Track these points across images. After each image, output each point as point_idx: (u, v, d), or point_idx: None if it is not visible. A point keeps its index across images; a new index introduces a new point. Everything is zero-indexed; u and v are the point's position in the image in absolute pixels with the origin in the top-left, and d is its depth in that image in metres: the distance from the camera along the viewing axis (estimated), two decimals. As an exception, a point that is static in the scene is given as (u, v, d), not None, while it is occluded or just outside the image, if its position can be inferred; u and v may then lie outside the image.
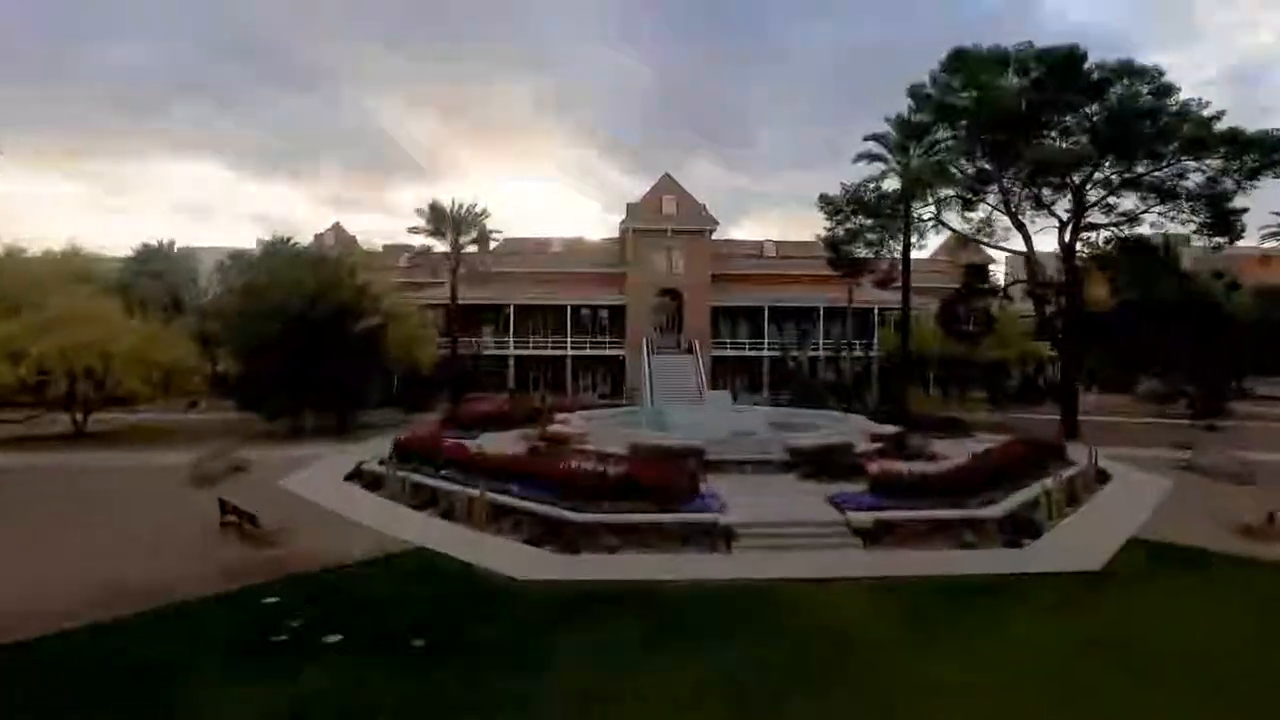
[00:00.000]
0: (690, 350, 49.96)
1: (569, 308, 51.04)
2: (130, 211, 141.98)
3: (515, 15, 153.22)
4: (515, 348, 51.11)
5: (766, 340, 51.80)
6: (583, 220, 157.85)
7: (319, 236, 73.96)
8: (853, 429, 26.65)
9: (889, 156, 38.26)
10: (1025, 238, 33.73)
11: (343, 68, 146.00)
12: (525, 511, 17.17)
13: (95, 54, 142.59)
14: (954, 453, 25.52)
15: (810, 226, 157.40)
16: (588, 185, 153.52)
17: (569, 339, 51.13)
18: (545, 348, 51.39)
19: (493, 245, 58.74)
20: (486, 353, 50.44)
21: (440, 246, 39.89)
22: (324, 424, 32.41)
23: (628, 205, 53.81)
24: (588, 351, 51.44)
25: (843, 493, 18.34)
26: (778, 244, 58.56)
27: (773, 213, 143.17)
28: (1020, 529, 17.03)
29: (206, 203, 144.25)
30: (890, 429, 25.63)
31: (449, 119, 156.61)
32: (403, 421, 36.12)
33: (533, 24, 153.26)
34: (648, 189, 52.78)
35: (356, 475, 22.46)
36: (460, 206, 38.45)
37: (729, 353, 51.95)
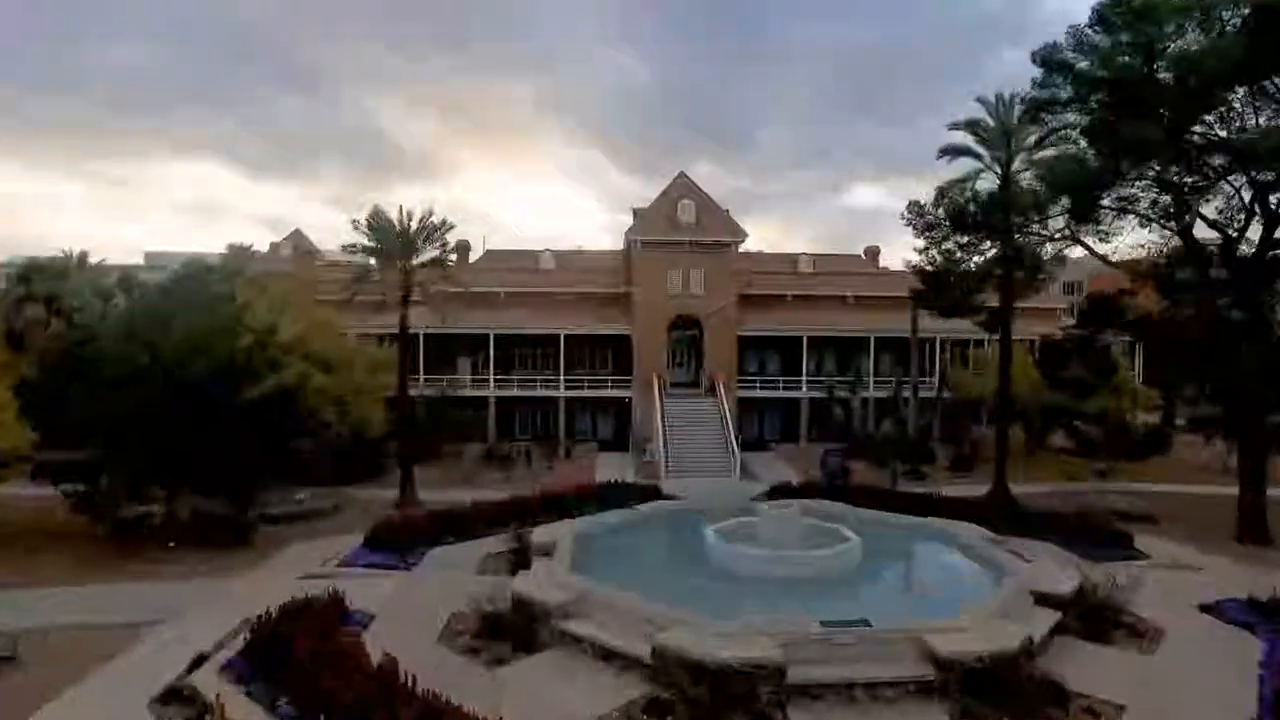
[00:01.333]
0: (712, 390, 40.54)
1: (562, 338, 41.56)
2: (131, 212, 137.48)
3: (515, 15, 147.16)
4: (496, 387, 41.65)
5: (805, 378, 42.30)
6: (582, 221, 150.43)
7: (275, 246, 64.78)
8: (988, 565, 17.29)
9: (982, 152, 28.94)
10: (1200, 257, 24.26)
11: (343, 68, 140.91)
12: None
13: (95, 54, 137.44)
14: (1168, 620, 16.09)
15: (815, 230, 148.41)
16: (588, 186, 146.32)
17: (562, 376, 41.69)
18: (534, 387, 41.94)
19: (472, 258, 49.69)
20: (461, 393, 40.98)
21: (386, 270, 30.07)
22: (211, 524, 22.87)
23: (635, 212, 44.43)
24: (585, 392, 42.02)
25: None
26: (814, 258, 49.05)
27: (773, 214, 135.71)
28: None
29: (206, 203, 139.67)
30: (1063, 584, 16.10)
31: (449, 119, 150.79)
32: (331, 510, 26.66)
33: (532, 24, 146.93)
34: (657, 192, 43.37)
35: (179, 694, 12.99)
36: (409, 216, 28.96)
37: (759, 393, 42.48)
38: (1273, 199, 23.17)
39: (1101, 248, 26.50)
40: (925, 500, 25.24)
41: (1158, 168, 23.77)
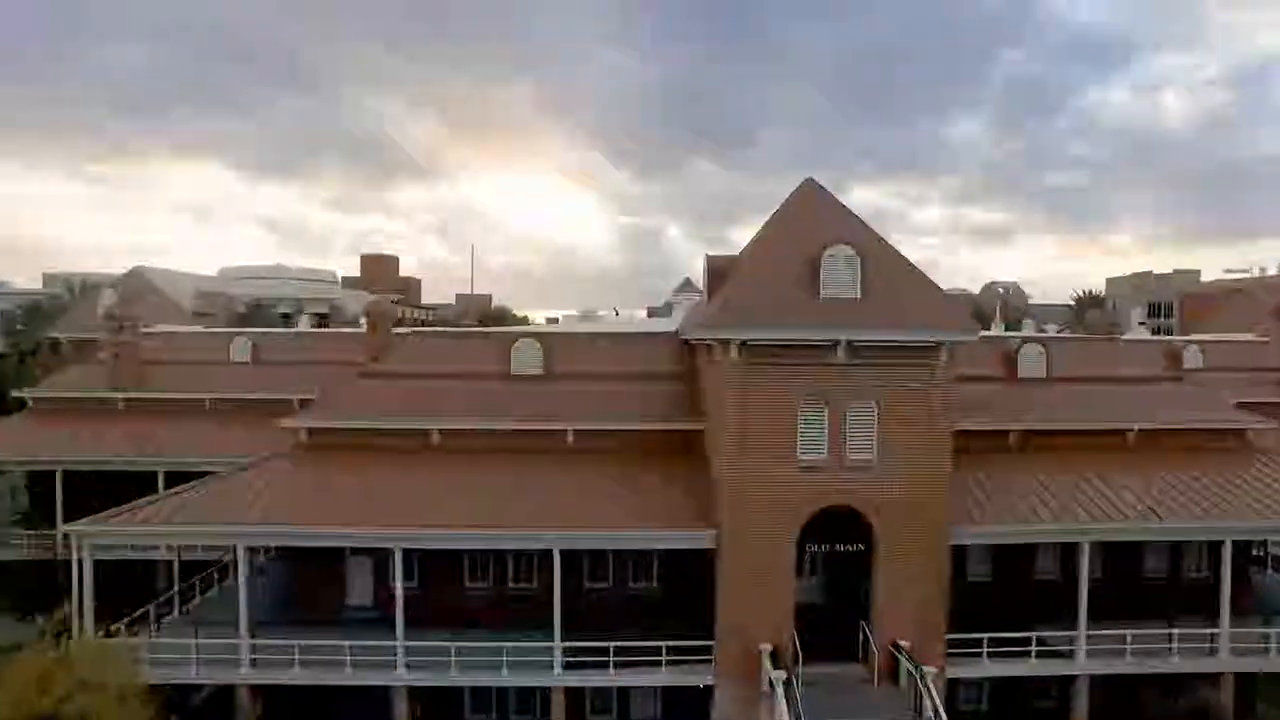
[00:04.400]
0: (895, 674, 17.76)
1: (557, 555, 18.57)
2: (131, 212, 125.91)
3: (515, 15, 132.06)
4: (413, 665, 18.63)
5: (1085, 631, 19.31)
6: (582, 223, 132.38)
7: (96, 290, 42.04)
8: None
9: None
10: None
11: (343, 68, 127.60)
12: None
13: (95, 54, 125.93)
14: None
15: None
16: (588, 187, 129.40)
17: (559, 642, 18.61)
18: (496, 667, 18.81)
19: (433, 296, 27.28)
20: (339, 679, 18.11)
21: None
22: None
23: (708, 268, 21.51)
24: (613, 677, 18.93)
25: None
26: (1043, 342, 25.66)
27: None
28: None
29: (207, 203, 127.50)
30: None
31: (449, 119, 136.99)
32: None
33: (533, 24, 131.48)
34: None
35: None
36: None
37: (989, 670, 19.46)
38: None
39: None
40: None
41: None
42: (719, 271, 20.69)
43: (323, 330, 39.34)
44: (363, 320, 33.21)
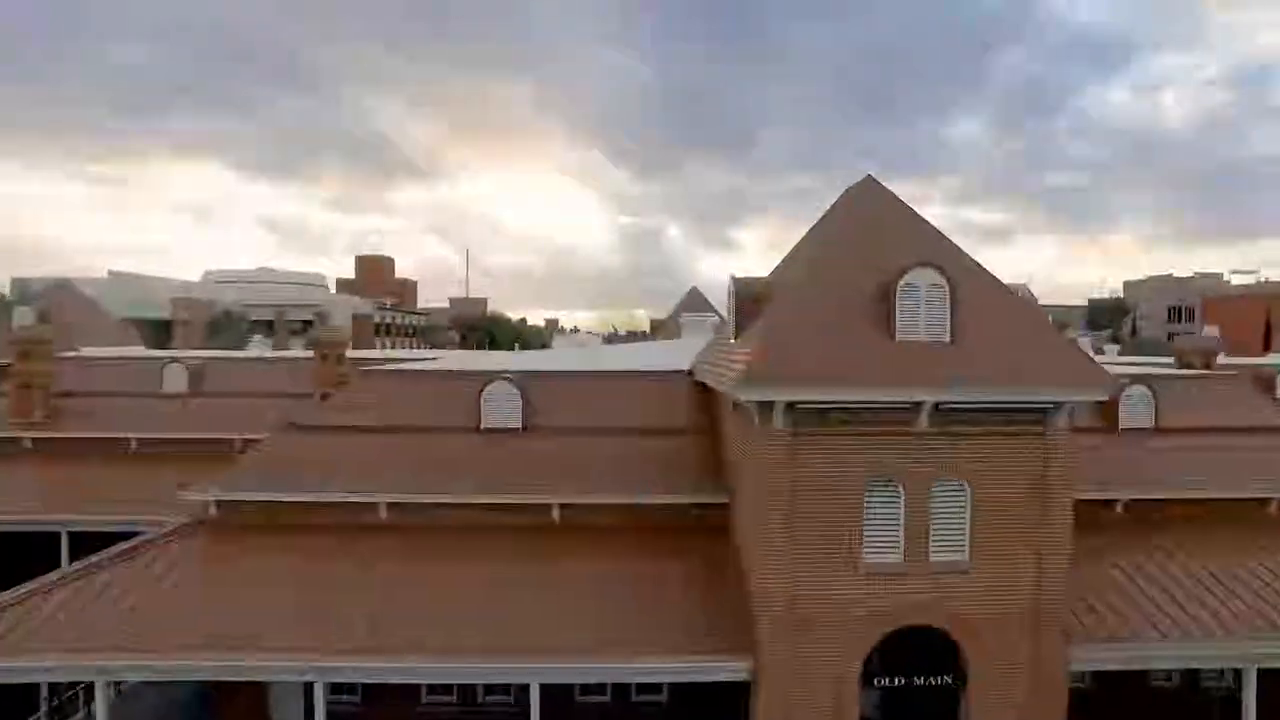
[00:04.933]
0: None
1: (535, 694, 13.76)
2: (131, 212, 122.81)
3: (515, 15, 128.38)
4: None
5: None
6: (582, 223, 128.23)
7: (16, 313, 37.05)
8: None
9: None
10: None
11: (343, 68, 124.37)
12: None
13: (95, 54, 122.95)
14: None
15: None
16: (588, 187, 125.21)
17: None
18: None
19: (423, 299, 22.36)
20: None
21: None
22: None
23: (737, 287, 16.59)
24: None
25: None
26: (1156, 378, 20.73)
27: (771, 215, 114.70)
28: None
29: (207, 203, 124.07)
30: None
31: (449, 119, 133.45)
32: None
33: (533, 24, 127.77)
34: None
35: None
36: None
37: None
38: None
39: None
40: None
41: None
42: (751, 299, 15.81)
43: (276, 355, 34.68)
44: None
